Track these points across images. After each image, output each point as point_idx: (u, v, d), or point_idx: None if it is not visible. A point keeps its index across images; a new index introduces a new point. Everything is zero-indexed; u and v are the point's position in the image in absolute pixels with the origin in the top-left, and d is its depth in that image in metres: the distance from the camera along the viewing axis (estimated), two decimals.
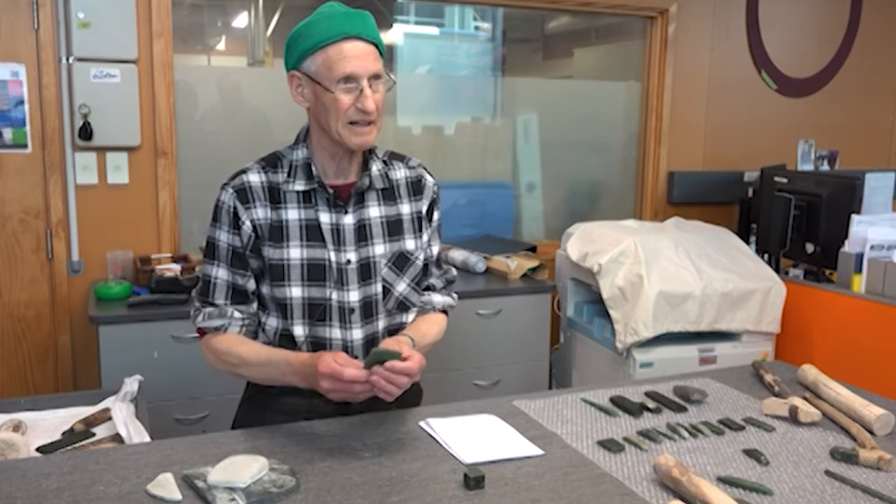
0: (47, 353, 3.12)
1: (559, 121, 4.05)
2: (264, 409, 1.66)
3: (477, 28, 4.06)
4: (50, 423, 1.97)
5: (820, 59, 4.46)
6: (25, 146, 3.00)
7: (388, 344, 1.52)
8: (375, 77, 1.54)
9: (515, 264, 3.36)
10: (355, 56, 1.51)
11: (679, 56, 4.07)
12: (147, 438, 1.78)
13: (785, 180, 3.52)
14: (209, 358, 1.65)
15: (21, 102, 2.96)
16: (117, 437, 1.81)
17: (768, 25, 4.26)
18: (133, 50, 3.03)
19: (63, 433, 1.89)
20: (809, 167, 4.50)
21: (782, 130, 4.39)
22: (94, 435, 1.89)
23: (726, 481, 1.36)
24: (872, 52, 4.57)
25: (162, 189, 3.18)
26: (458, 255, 3.54)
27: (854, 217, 3.11)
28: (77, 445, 1.82)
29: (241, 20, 3.54)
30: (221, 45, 3.55)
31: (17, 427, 1.87)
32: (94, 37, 2.94)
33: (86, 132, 2.96)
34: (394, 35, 3.74)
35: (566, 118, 4.07)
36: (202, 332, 1.65)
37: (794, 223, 3.38)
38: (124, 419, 1.85)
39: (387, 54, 1.63)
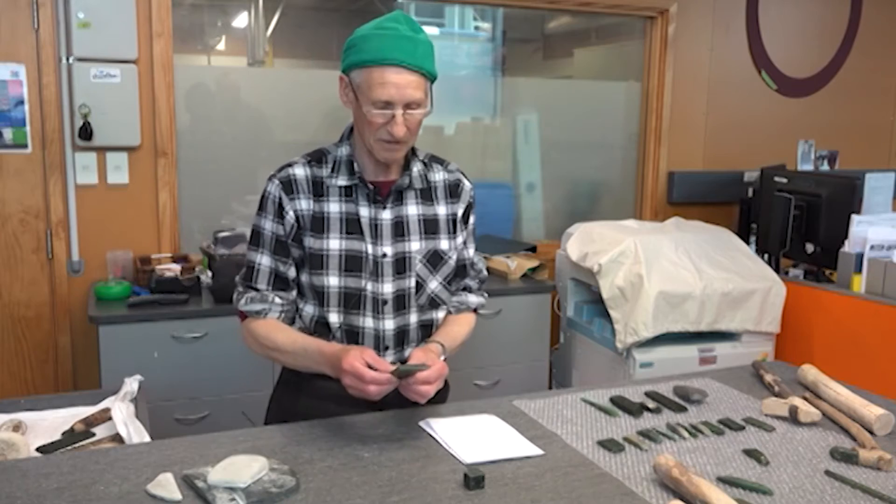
0: (47, 353, 3.12)
1: (559, 121, 4.05)
2: (298, 391, 1.72)
3: (477, 28, 4.06)
4: (50, 423, 1.97)
5: (820, 59, 4.46)
6: (25, 146, 3.00)
7: (417, 353, 1.57)
8: (414, 104, 1.56)
9: (515, 264, 3.36)
10: (395, 84, 1.54)
11: (679, 56, 4.07)
12: (147, 438, 1.78)
13: (785, 180, 3.52)
14: (248, 341, 1.71)
15: (21, 102, 2.96)
16: (117, 437, 1.81)
17: (768, 25, 4.26)
18: (133, 50, 3.03)
19: (63, 433, 1.89)
20: (809, 167, 4.49)
21: (782, 130, 4.39)
22: (94, 435, 1.89)
23: (726, 481, 1.36)
24: (872, 52, 4.57)
25: (162, 189, 3.18)
26: None
27: (854, 217, 3.11)
28: (77, 445, 1.82)
29: (241, 20, 3.54)
30: (221, 45, 3.55)
31: (17, 427, 1.87)
32: (94, 37, 2.94)
33: (86, 132, 2.96)
34: None
35: (566, 118, 4.07)
36: (243, 315, 1.70)
37: (794, 223, 3.38)
38: (124, 419, 1.85)
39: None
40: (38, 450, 1.78)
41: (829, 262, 3.27)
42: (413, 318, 1.71)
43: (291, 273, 1.68)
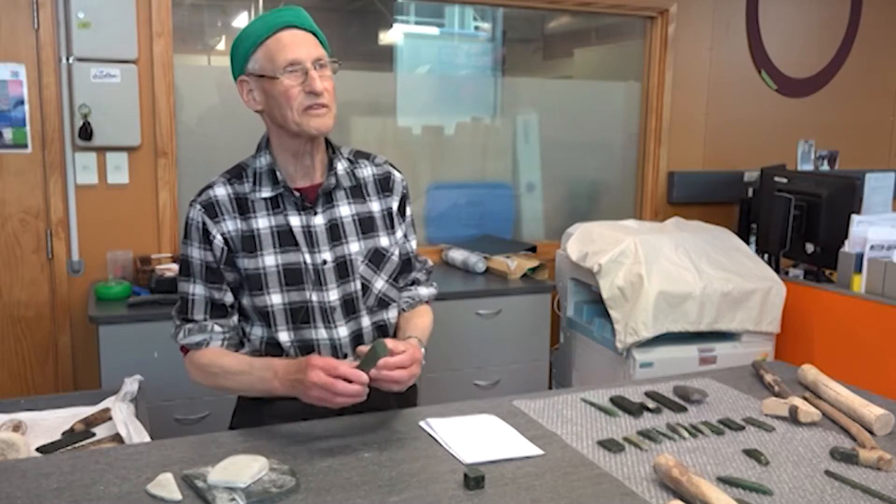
0: (47, 353, 3.12)
1: (559, 121, 4.05)
2: (259, 414, 1.64)
3: (477, 28, 4.06)
4: (50, 423, 1.98)
5: (820, 59, 4.46)
6: (25, 146, 3.00)
7: (394, 344, 1.50)
8: (319, 62, 1.55)
9: (515, 264, 3.36)
10: (294, 43, 1.54)
11: (679, 56, 4.07)
12: (147, 438, 1.78)
13: (785, 180, 3.52)
14: (192, 373, 1.65)
15: (21, 102, 2.96)
16: (117, 437, 1.81)
17: (768, 25, 4.26)
18: (133, 50, 3.03)
19: (63, 433, 1.90)
20: (809, 167, 4.50)
21: (782, 130, 4.40)
22: (94, 435, 1.89)
23: (726, 481, 1.36)
24: (872, 52, 4.57)
25: (162, 189, 3.18)
26: (458, 255, 3.54)
27: (854, 217, 3.11)
28: (77, 445, 1.82)
29: (241, 20, 3.54)
30: (221, 45, 3.55)
31: (17, 427, 1.87)
32: (94, 37, 2.94)
33: (86, 132, 2.96)
34: (394, 35, 3.74)
35: (566, 118, 4.07)
36: (185, 349, 1.65)
37: (794, 223, 3.38)
38: (124, 419, 1.85)
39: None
40: (38, 450, 1.78)
41: (829, 262, 3.27)
42: (365, 321, 1.65)
43: (228, 299, 1.62)
